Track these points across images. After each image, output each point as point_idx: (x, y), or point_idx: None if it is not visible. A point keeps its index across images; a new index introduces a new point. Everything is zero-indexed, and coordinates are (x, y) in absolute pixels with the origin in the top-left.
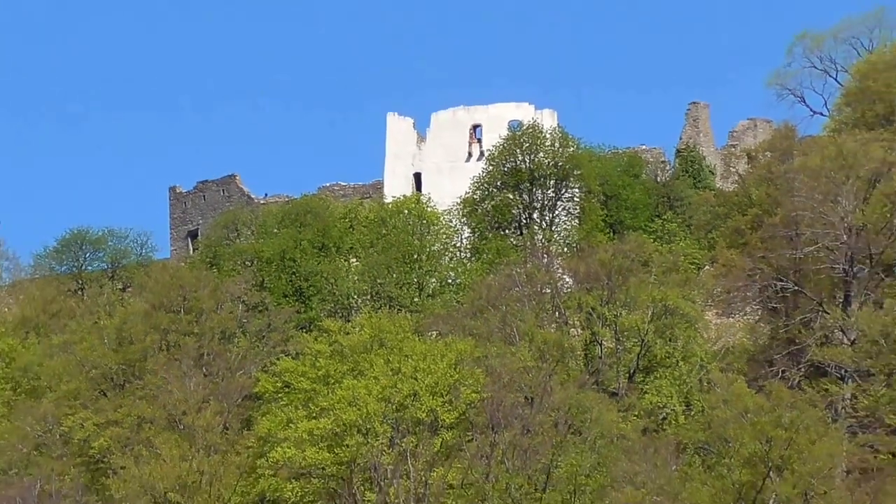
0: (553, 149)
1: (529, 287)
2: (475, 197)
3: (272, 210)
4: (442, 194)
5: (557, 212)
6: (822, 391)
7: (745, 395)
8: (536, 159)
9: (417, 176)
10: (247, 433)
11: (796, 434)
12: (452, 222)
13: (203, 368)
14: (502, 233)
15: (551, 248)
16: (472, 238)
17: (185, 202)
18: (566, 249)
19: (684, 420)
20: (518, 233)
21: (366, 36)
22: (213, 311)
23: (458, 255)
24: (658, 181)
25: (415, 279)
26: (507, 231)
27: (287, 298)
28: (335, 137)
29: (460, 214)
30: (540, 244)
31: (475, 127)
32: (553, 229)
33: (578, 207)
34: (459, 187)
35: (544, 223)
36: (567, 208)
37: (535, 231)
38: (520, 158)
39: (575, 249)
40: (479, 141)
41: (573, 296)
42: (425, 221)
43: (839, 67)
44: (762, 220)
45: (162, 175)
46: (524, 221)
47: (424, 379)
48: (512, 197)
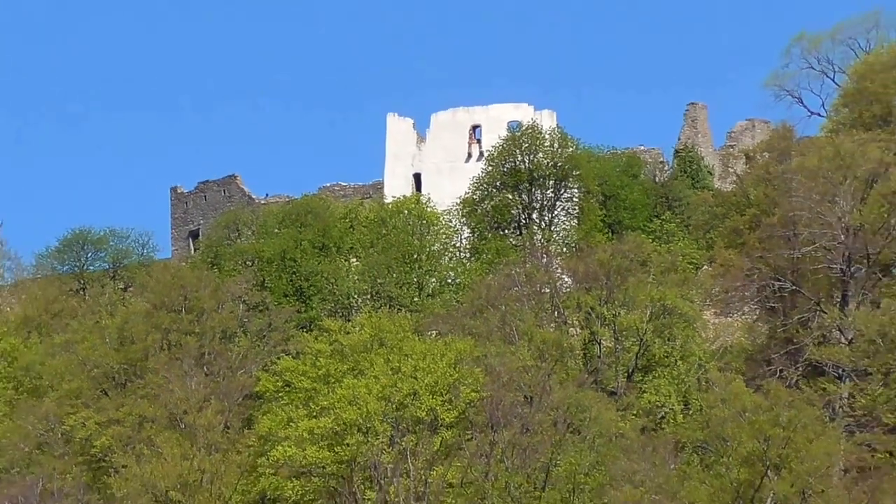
0: (552, 149)
1: (528, 287)
2: (475, 197)
3: (273, 210)
4: (442, 194)
5: (556, 212)
6: (820, 390)
7: (743, 395)
8: (535, 160)
9: (417, 176)
10: (248, 432)
11: (794, 433)
12: (452, 222)
13: (204, 368)
14: (502, 233)
15: (550, 248)
16: (472, 238)
17: (187, 202)
18: (565, 249)
19: (683, 419)
20: (517, 233)
21: (366, 36)
22: (214, 311)
23: (458, 255)
24: (656, 181)
25: (415, 279)
26: (507, 231)
27: (288, 298)
28: (335, 138)
29: (460, 215)
30: (539, 244)
31: (475, 127)
32: (552, 229)
33: (577, 207)
34: (459, 187)
35: (543, 223)
36: (566, 208)
37: (535, 231)
38: (519, 159)
39: (574, 249)
40: (479, 141)
41: (572, 295)
42: (425, 221)
43: (837, 68)
44: (760, 221)
45: (163, 175)
46: (523, 221)
47: (424, 378)
48: (511, 197)
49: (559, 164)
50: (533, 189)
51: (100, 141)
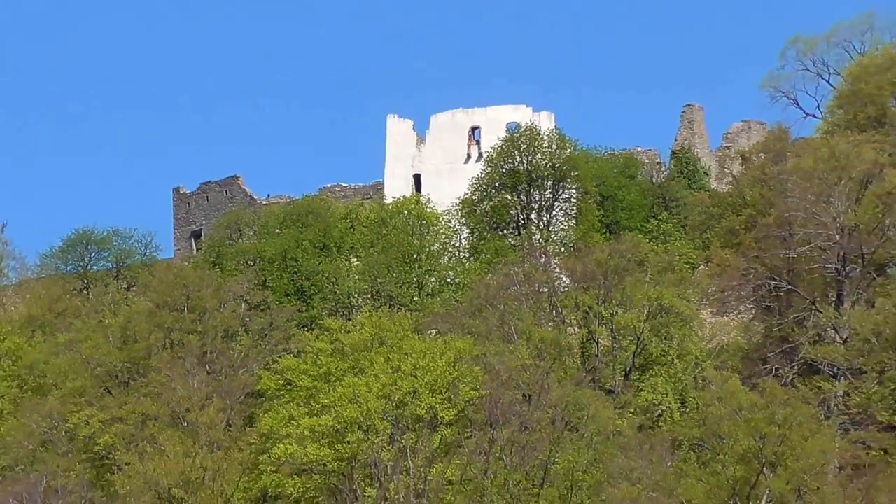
0: (550, 150)
1: (527, 286)
2: (474, 198)
3: (274, 210)
4: (441, 195)
5: (555, 212)
6: (815, 389)
7: (740, 393)
8: (534, 161)
9: (417, 177)
10: (249, 430)
11: (789, 431)
12: (451, 223)
13: (206, 366)
14: (500, 233)
15: (549, 248)
16: (471, 238)
17: (189, 203)
18: (563, 249)
19: (679, 417)
20: (516, 233)
21: (366, 36)
22: (217, 310)
23: (457, 255)
24: (654, 182)
25: (414, 278)
26: (506, 231)
27: (289, 297)
28: (335, 138)
29: (459, 215)
30: (537, 244)
31: (474, 129)
32: (550, 229)
33: (575, 208)
34: (458, 188)
35: (542, 223)
36: (564, 209)
37: (533, 231)
38: (518, 160)
39: (572, 249)
40: (478, 143)
41: (570, 295)
42: (425, 222)
43: (832, 70)
44: (756, 221)
45: (164, 175)
46: (522, 222)
47: (424, 376)
48: (510, 198)
49: (557, 165)
50: (531, 190)
51: (100, 141)
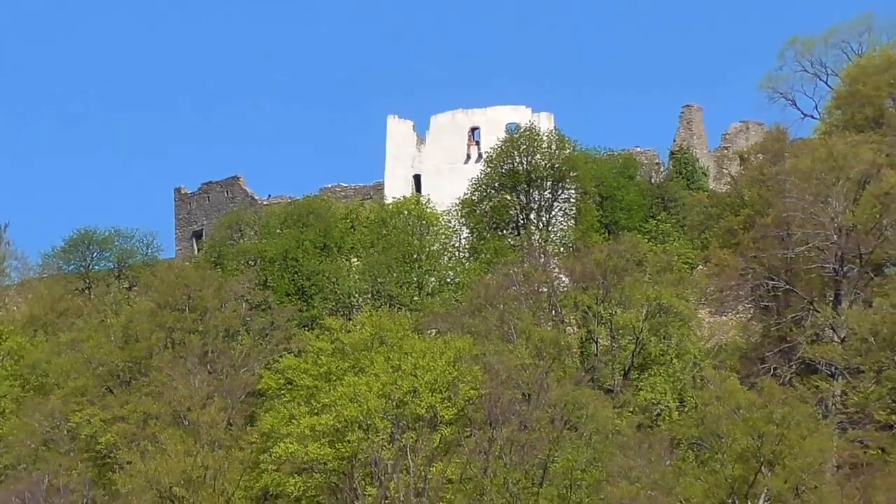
0: (550, 151)
1: (526, 286)
2: (473, 198)
3: (275, 211)
4: (441, 195)
5: (554, 212)
6: (813, 388)
7: (738, 392)
8: (533, 161)
9: (417, 177)
10: (250, 429)
11: (787, 430)
12: (451, 223)
13: (207, 366)
14: (500, 233)
15: (548, 248)
16: (471, 238)
17: (190, 203)
18: (562, 249)
19: (678, 416)
20: (515, 233)
21: (366, 36)
22: (218, 310)
23: (457, 255)
24: (652, 183)
25: (414, 278)
26: (505, 231)
27: (289, 297)
28: (336, 139)
29: (459, 215)
30: (537, 244)
31: (473, 129)
32: (549, 230)
33: (574, 208)
34: (458, 188)
35: (541, 224)
36: (563, 209)
37: (532, 231)
38: (517, 160)
39: (571, 249)
40: (478, 143)
41: (569, 295)
42: (425, 222)
43: (829, 71)
44: (754, 221)
45: (165, 176)
46: (521, 222)
47: (424, 376)
48: (509, 198)
49: (556, 166)
50: (531, 190)
51: (101, 141)
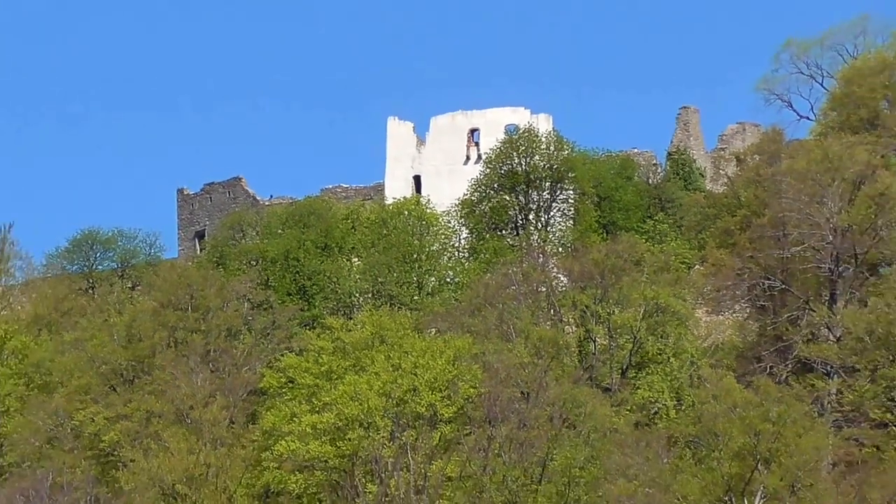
0: (548, 152)
1: (525, 286)
2: (473, 199)
3: (276, 211)
4: (441, 196)
5: (552, 213)
6: (809, 386)
7: (734, 391)
8: (532, 162)
9: (417, 178)
10: (252, 427)
11: (783, 428)
12: (451, 223)
13: (210, 364)
14: (499, 233)
15: (546, 248)
16: (470, 238)
17: (193, 204)
18: (561, 249)
19: (675, 414)
20: (514, 233)
21: (366, 36)
22: (220, 309)
23: (457, 255)
24: (650, 183)
25: (414, 278)
26: (504, 232)
27: (291, 297)
28: (336, 139)
29: (459, 216)
30: (535, 244)
31: (473, 131)
32: (548, 230)
33: (573, 209)
34: (458, 189)
35: (540, 224)
36: (562, 209)
37: (531, 232)
38: (516, 161)
39: (569, 249)
40: (477, 145)
41: (568, 294)
42: (425, 222)
43: (825, 73)
44: (750, 221)
45: (167, 177)
46: (520, 222)
47: (424, 374)
48: (508, 199)
49: (555, 167)
50: (529, 191)
51: (102, 142)
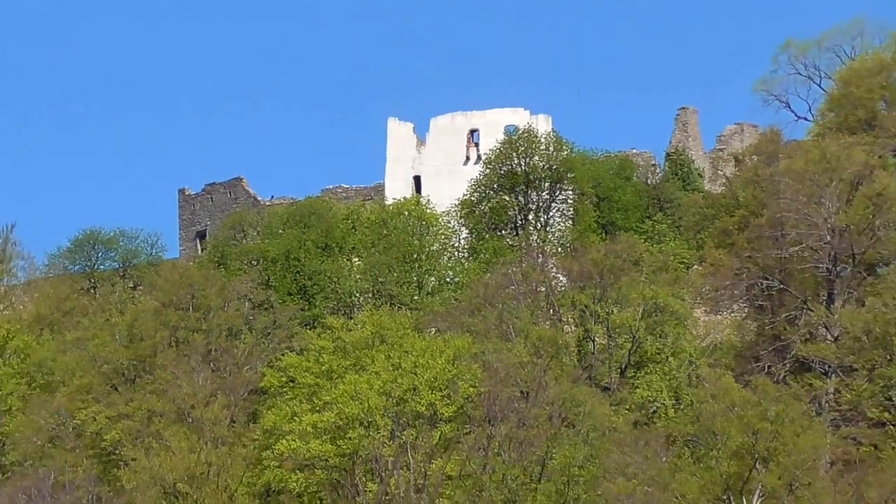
0: (547, 152)
1: (525, 285)
2: (473, 199)
3: (277, 211)
4: (441, 196)
5: (552, 213)
6: (807, 386)
7: (733, 390)
8: (531, 163)
9: (417, 179)
10: (253, 426)
11: (782, 427)
12: (451, 223)
13: (211, 364)
14: (499, 233)
15: (546, 248)
16: (470, 238)
17: (194, 204)
18: (560, 249)
19: (674, 413)
20: (514, 233)
21: (366, 36)
22: (221, 309)
23: (457, 255)
24: (648, 184)
25: (414, 278)
26: (504, 232)
27: (292, 296)
28: (336, 140)
29: (458, 216)
30: (535, 244)
31: (472, 132)
32: (547, 230)
33: (572, 209)
34: (457, 190)
35: (539, 224)
36: (561, 210)
37: (531, 232)
38: (515, 162)
39: (568, 249)
40: (477, 145)
41: (567, 294)
42: (425, 223)
43: (823, 74)
44: (749, 221)
45: (168, 177)
46: (520, 222)
47: (424, 374)
48: (508, 199)
49: (554, 167)
50: (529, 191)
51: (102, 142)
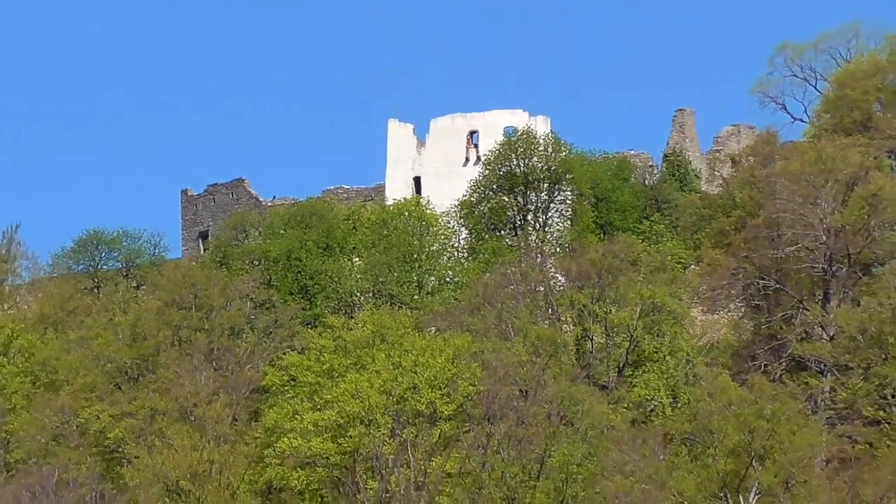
0: (546, 154)
1: (524, 285)
2: (472, 200)
3: (279, 212)
4: (440, 197)
5: (550, 214)
6: (803, 384)
7: (729, 389)
8: (530, 164)
9: (417, 180)
10: (255, 424)
11: (778, 425)
12: (450, 224)
13: (213, 363)
14: (498, 234)
15: (544, 249)
16: (470, 239)
17: (196, 204)
18: (559, 249)
19: (671, 412)
20: (513, 234)
21: (366, 37)
22: (223, 308)
23: (456, 255)
24: (646, 185)
25: (415, 278)
26: (503, 232)
27: (293, 296)
28: (337, 140)
29: (458, 216)
30: (534, 244)
31: (472, 133)
32: (546, 230)
33: (570, 209)
34: (457, 190)
35: (538, 224)
36: (559, 210)
37: (529, 232)
38: (514, 163)
39: (567, 249)
40: (476, 146)
41: (565, 293)
42: (425, 223)
43: (819, 76)
44: (745, 222)
45: (170, 177)
46: (519, 223)
47: (424, 372)
48: (507, 199)
49: (553, 168)
50: (528, 192)
51: (104, 143)
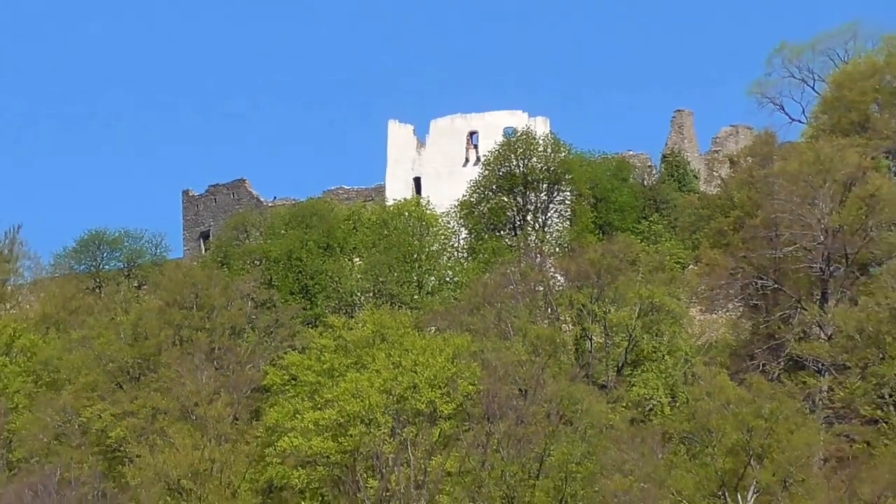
0: (545, 154)
1: (523, 285)
2: (472, 200)
3: (279, 212)
4: (440, 197)
5: (550, 214)
6: (801, 384)
7: (728, 388)
8: (530, 164)
9: (417, 180)
10: (256, 423)
11: (776, 424)
12: (450, 224)
13: (214, 362)
14: (497, 234)
15: (544, 249)
16: (469, 239)
17: (198, 205)
18: (558, 249)
19: (670, 411)
20: (512, 234)
21: (366, 37)
22: (224, 308)
23: (456, 255)
24: (645, 185)
25: (415, 278)
26: (502, 232)
27: (294, 296)
28: (337, 141)
29: (458, 216)
30: (533, 244)
31: (472, 133)
32: (545, 230)
33: (569, 210)
34: (457, 191)
35: (537, 225)
36: (559, 210)
37: (529, 232)
38: (514, 163)
39: (566, 249)
40: (476, 147)
41: (565, 293)
42: (425, 223)
43: (816, 77)
44: (743, 222)
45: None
46: (518, 223)
47: (424, 372)
48: (507, 200)
49: (552, 169)
50: (527, 192)
51: (106, 143)
